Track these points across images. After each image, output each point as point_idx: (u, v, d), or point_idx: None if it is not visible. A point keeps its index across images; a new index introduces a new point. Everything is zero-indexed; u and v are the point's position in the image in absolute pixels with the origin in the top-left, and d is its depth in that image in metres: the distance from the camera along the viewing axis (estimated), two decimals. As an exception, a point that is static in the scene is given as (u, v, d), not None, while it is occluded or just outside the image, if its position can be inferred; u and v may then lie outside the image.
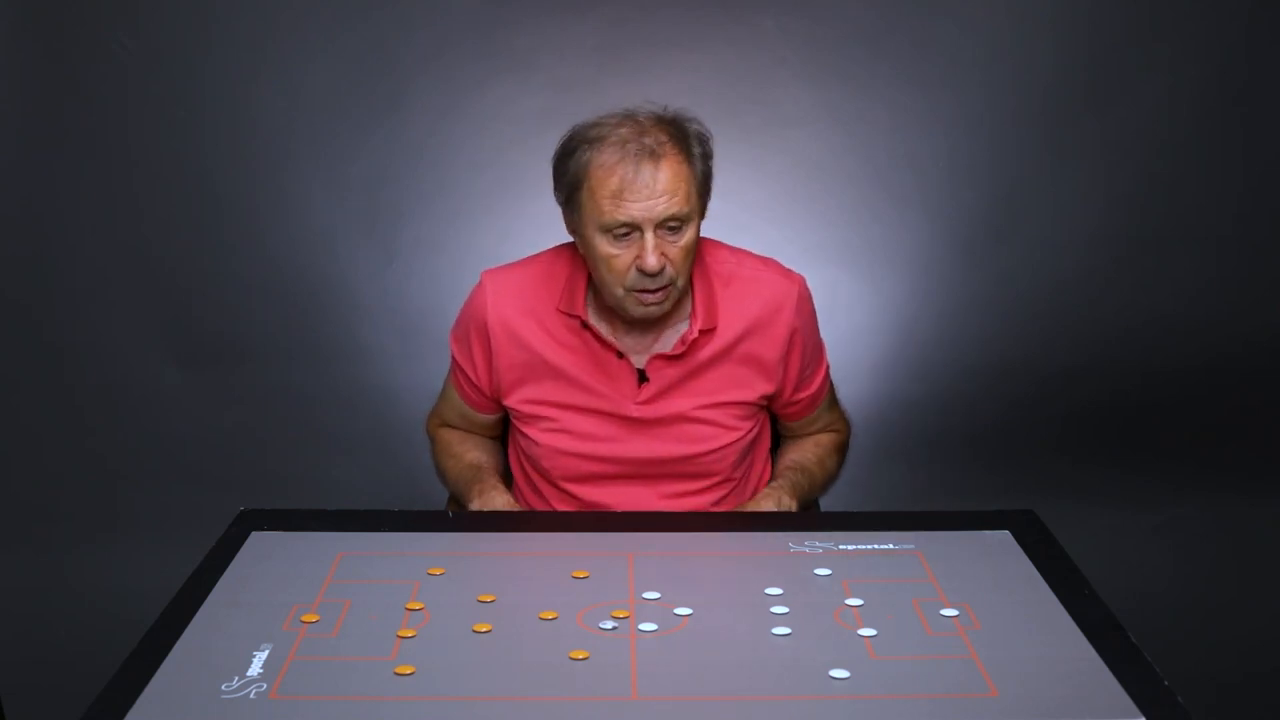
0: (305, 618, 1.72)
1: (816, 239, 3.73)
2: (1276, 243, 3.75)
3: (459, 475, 2.32)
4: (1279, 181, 3.73)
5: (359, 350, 3.75)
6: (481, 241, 3.51)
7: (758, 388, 2.23)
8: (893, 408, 3.65)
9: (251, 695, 1.55)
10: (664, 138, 2.08)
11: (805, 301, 2.27)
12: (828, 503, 2.46)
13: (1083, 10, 3.67)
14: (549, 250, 2.28)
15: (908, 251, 3.77)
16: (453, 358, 2.33)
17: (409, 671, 1.59)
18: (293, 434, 3.73)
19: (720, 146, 3.68)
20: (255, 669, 1.60)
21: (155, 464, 3.69)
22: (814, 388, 2.33)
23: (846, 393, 2.53)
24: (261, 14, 3.66)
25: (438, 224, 3.72)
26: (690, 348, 2.19)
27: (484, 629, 1.70)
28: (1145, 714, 1.50)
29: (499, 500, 2.22)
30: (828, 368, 2.37)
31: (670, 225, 2.07)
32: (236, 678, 1.58)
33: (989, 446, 3.72)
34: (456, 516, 2.23)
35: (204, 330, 3.75)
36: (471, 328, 2.26)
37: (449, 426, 2.41)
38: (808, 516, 2.35)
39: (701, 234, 2.30)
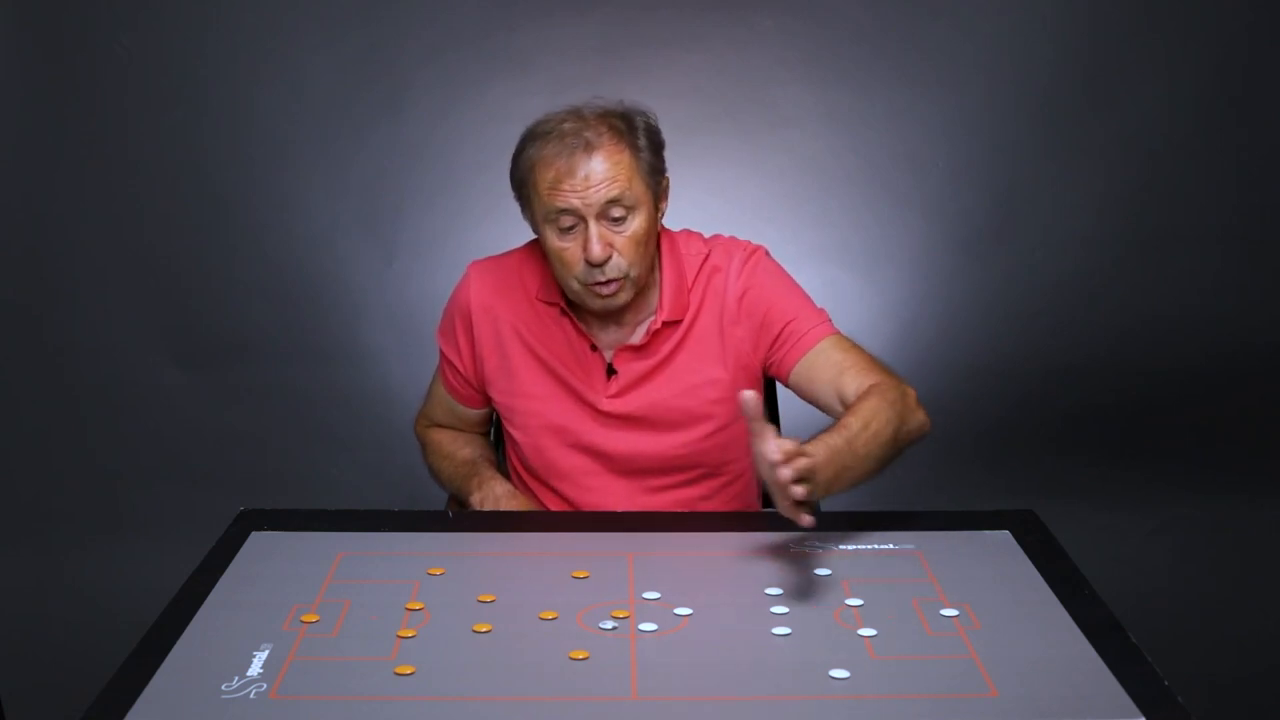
0: (305, 618, 1.72)
1: (816, 239, 3.73)
2: (1275, 242, 3.75)
3: (455, 473, 2.33)
4: (1278, 181, 3.74)
5: (359, 350, 3.75)
6: (481, 242, 3.50)
7: (727, 366, 2.21)
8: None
9: (251, 695, 1.55)
10: (604, 129, 2.09)
11: (754, 265, 2.22)
12: (828, 503, 2.46)
13: (1082, 10, 3.67)
14: (532, 241, 2.28)
15: (908, 251, 3.77)
16: (440, 354, 2.34)
17: (409, 671, 1.59)
18: (293, 434, 3.73)
19: (720, 146, 3.73)
20: (255, 669, 1.60)
21: (155, 464, 3.69)
22: (798, 324, 2.20)
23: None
24: (261, 14, 3.66)
25: (438, 224, 3.72)
26: (654, 339, 2.19)
27: (484, 629, 1.70)
28: (1145, 714, 1.50)
29: (499, 488, 2.23)
30: (827, 320, 2.22)
31: (614, 215, 2.08)
32: (236, 678, 1.58)
33: (989, 446, 3.72)
34: (456, 516, 2.23)
35: (204, 330, 3.75)
36: (456, 316, 2.28)
37: (438, 426, 2.43)
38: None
39: (697, 231, 2.30)
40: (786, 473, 1.73)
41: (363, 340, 3.75)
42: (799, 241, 3.69)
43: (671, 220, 2.34)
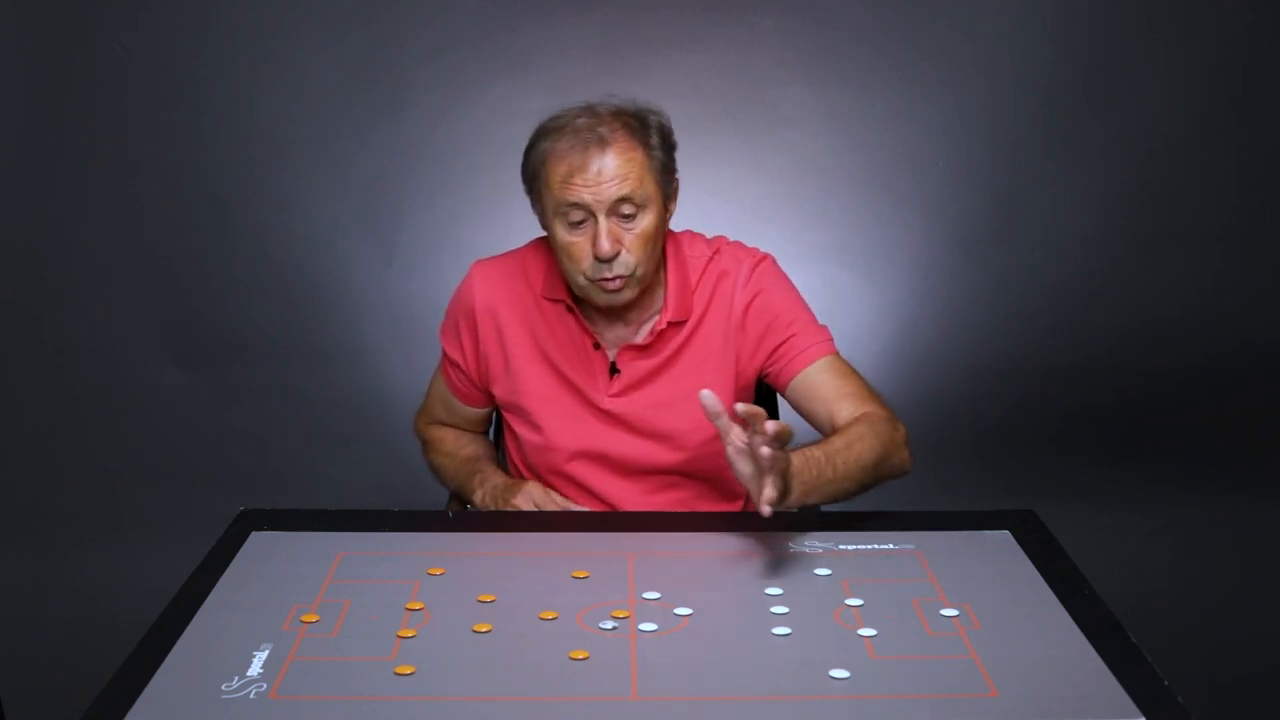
0: (305, 618, 1.72)
1: (816, 239, 3.73)
2: (1275, 242, 3.75)
3: (457, 471, 2.34)
4: (1278, 181, 3.74)
5: (359, 350, 3.75)
6: (481, 241, 3.50)
7: (727, 372, 2.21)
8: (893, 407, 3.66)
9: (251, 695, 1.55)
10: (617, 126, 2.09)
11: (763, 273, 2.23)
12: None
13: (1082, 10, 3.67)
14: (536, 240, 2.28)
15: (908, 251, 3.77)
16: (443, 353, 2.34)
17: (409, 671, 1.59)
18: (293, 434, 3.73)
19: (720, 146, 3.73)
20: (255, 669, 1.60)
21: (155, 464, 3.69)
22: (801, 338, 2.20)
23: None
24: (261, 14, 3.66)
25: (438, 224, 3.72)
26: (659, 339, 2.20)
27: (484, 629, 1.70)
28: (1145, 714, 1.50)
29: (498, 479, 2.26)
30: (829, 338, 2.23)
31: (624, 212, 2.08)
32: (236, 678, 1.58)
33: (989, 446, 3.72)
34: (456, 516, 2.23)
35: (204, 330, 3.75)
36: (460, 316, 2.29)
37: (439, 424, 2.43)
38: (807, 516, 2.34)
39: (698, 232, 2.30)
40: (771, 425, 1.78)
41: (363, 340, 3.75)
42: (799, 241, 3.70)
43: (672, 220, 2.34)
